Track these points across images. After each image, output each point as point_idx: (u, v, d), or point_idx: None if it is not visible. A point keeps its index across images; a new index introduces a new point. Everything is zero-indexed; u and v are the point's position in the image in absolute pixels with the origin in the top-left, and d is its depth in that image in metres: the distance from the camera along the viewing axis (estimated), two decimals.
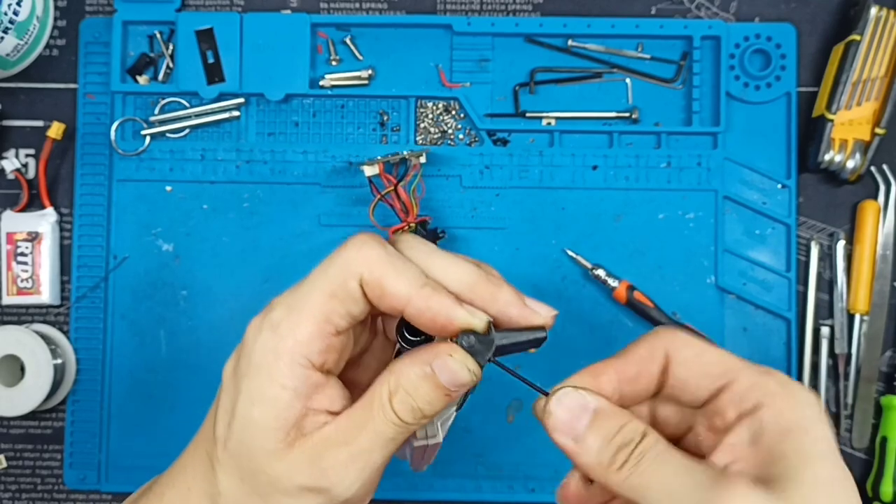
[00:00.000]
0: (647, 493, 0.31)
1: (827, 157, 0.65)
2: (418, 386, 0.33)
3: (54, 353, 0.65)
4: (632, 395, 0.34)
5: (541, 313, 0.34)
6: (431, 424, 0.37)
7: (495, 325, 0.34)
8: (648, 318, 0.65)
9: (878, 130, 0.65)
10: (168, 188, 0.68)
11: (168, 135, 0.68)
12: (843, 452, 0.51)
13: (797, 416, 0.31)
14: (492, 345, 0.33)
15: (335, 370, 0.36)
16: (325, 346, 0.34)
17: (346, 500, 0.34)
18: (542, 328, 0.34)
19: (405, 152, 0.64)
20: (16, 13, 0.64)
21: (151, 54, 0.69)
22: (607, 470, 0.31)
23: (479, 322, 0.33)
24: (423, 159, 0.63)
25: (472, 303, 0.34)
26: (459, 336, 0.33)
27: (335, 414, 0.35)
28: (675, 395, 0.34)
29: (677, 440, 0.35)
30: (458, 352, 0.33)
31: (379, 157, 0.63)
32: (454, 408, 0.38)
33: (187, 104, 0.68)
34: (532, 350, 0.34)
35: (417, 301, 0.33)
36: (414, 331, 0.35)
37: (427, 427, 0.37)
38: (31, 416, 0.66)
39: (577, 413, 0.33)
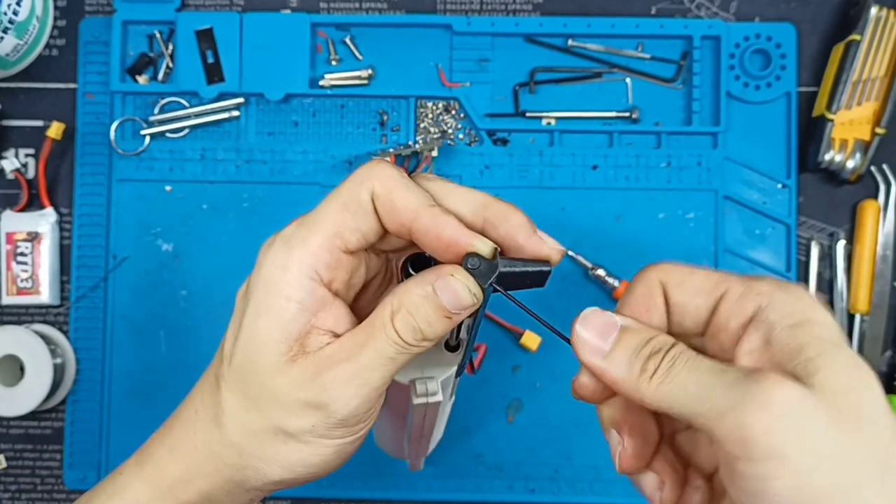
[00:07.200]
0: (680, 397, 0.30)
1: (827, 157, 0.65)
2: (420, 305, 0.33)
3: (54, 353, 0.65)
4: None
5: (548, 244, 0.34)
6: (432, 381, 0.37)
7: (502, 253, 0.34)
8: None
9: (878, 130, 0.65)
10: (168, 188, 0.68)
11: (168, 135, 0.68)
12: None
13: (800, 308, 0.31)
14: (495, 269, 0.33)
15: (344, 294, 0.36)
16: (334, 260, 0.34)
17: (344, 417, 0.34)
18: (547, 262, 0.34)
19: (417, 145, 0.64)
20: (15, 13, 0.64)
21: (151, 54, 0.69)
22: (637, 381, 0.31)
23: (483, 245, 0.33)
24: (434, 153, 0.63)
25: (484, 226, 0.34)
26: (464, 259, 0.33)
27: (339, 336, 0.35)
28: (679, 322, 0.34)
29: None
30: (461, 272, 0.33)
31: (391, 150, 0.64)
32: (454, 370, 0.38)
33: (187, 104, 0.68)
34: (537, 286, 0.34)
35: (425, 217, 0.33)
36: (419, 267, 0.36)
37: (427, 383, 0.37)
38: (31, 416, 0.66)
39: (603, 330, 0.33)
